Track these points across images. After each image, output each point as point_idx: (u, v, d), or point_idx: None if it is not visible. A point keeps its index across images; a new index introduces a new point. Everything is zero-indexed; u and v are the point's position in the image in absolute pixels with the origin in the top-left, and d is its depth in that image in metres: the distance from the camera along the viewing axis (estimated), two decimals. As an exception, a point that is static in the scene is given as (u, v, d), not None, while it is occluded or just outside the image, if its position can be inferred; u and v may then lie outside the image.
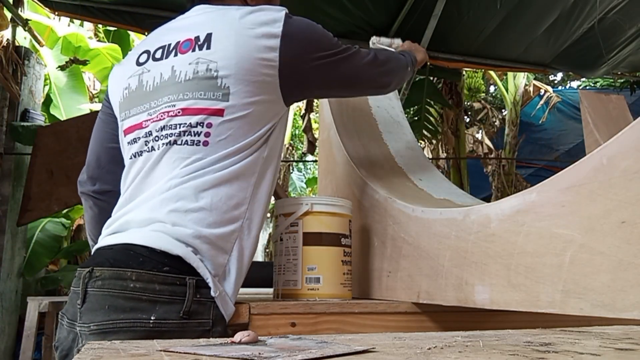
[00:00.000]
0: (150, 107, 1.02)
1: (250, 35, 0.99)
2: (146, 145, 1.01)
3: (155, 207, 0.94)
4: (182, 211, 0.92)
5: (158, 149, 0.99)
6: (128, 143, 1.05)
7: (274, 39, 0.99)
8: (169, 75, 1.02)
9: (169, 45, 1.05)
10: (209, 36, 1.01)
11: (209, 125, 0.97)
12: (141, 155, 1.01)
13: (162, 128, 0.99)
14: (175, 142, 0.98)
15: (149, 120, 1.02)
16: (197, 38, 1.02)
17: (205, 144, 0.97)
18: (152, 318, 0.85)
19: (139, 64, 1.08)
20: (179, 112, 0.99)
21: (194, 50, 1.01)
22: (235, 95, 0.98)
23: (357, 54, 1.13)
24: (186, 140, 0.97)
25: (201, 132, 0.97)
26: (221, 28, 1.02)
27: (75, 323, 0.91)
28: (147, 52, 1.08)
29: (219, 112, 0.98)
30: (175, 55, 1.03)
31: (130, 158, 1.04)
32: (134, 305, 0.86)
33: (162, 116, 1.00)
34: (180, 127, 0.98)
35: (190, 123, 0.97)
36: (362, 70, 1.14)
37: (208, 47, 1.00)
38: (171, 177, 0.96)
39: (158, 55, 1.06)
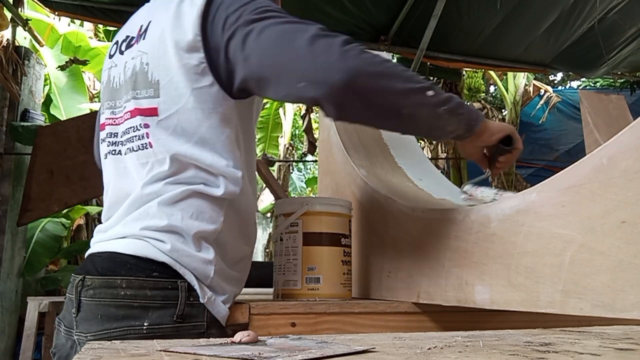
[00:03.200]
0: (115, 107, 0.98)
1: (177, 16, 0.88)
2: (115, 146, 0.97)
3: (128, 224, 0.91)
4: (154, 229, 0.88)
5: (124, 154, 0.96)
6: (101, 140, 1.03)
7: (196, 14, 0.86)
8: (124, 72, 0.97)
9: (130, 37, 0.99)
10: (148, 25, 0.95)
11: (147, 126, 0.92)
12: (112, 155, 0.98)
13: (124, 133, 0.96)
14: (132, 148, 0.94)
15: (114, 120, 0.98)
16: (141, 28, 0.96)
17: (151, 145, 0.91)
18: (146, 324, 0.84)
19: (110, 56, 1.03)
20: (128, 115, 0.95)
21: (137, 42, 0.96)
22: (166, 88, 0.89)
23: (306, 27, 0.79)
24: (139, 145, 0.93)
25: (143, 134, 0.92)
26: (158, 13, 0.93)
27: (73, 331, 0.90)
28: (117, 43, 1.03)
29: (153, 112, 0.91)
30: (130, 48, 0.97)
31: (104, 157, 1.01)
32: (126, 313, 0.85)
33: (120, 119, 0.97)
34: (132, 132, 0.94)
35: (135, 126, 0.93)
36: (299, 51, 0.77)
37: (144, 38, 0.94)
38: (137, 189, 0.92)
39: (123, 47, 1.00)
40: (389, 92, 0.79)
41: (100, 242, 0.95)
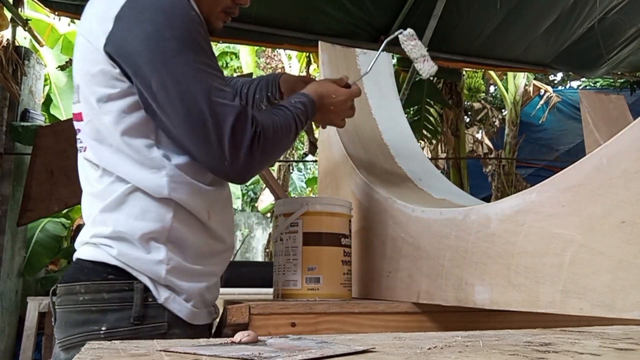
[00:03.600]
0: None
1: (92, 16, 0.88)
2: (78, 144, 0.99)
3: (85, 231, 0.93)
4: (102, 236, 0.89)
5: (81, 153, 0.97)
6: None
7: (107, 17, 0.85)
8: None
9: None
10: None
11: (79, 131, 0.94)
12: (79, 153, 0.99)
13: (76, 133, 0.97)
14: (81, 149, 0.96)
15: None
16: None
17: (85, 150, 0.93)
18: (103, 328, 0.85)
19: None
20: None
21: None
22: (83, 93, 0.90)
23: (224, 106, 0.83)
24: (81, 147, 0.95)
25: (80, 137, 0.94)
26: (88, 12, 0.92)
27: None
28: None
29: (79, 117, 0.92)
30: None
31: None
32: (85, 318, 0.86)
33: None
34: (78, 133, 0.96)
35: (77, 129, 0.95)
36: (191, 89, 0.83)
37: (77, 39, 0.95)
38: (88, 192, 0.94)
39: None
40: (274, 158, 1.01)
41: (76, 246, 0.97)
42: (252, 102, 1.29)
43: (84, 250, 0.91)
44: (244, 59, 7.39)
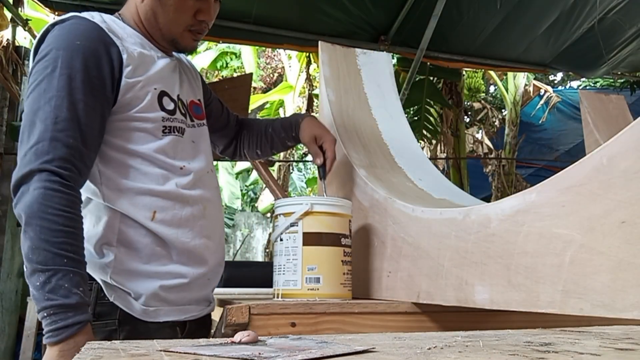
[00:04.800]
0: None
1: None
2: None
3: None
4: None
5: None
6: None
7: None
8: None
9: None
10: None
11: None
12: None
13: None
14: None
15: None
16: None
17: None
18: None
19: None
20: None
21: None
22: None
23: (30, 131, 0.89)
24: None
25: None
26: None
27: None
28: None
29: None
30: None
31: None
32: None
33: None
34: None
35: None
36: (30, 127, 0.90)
37: None
38: None
39: None
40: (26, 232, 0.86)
41: None
42: (279, 141, 1.35)
43: None
44: (245, 59, 7.40)
